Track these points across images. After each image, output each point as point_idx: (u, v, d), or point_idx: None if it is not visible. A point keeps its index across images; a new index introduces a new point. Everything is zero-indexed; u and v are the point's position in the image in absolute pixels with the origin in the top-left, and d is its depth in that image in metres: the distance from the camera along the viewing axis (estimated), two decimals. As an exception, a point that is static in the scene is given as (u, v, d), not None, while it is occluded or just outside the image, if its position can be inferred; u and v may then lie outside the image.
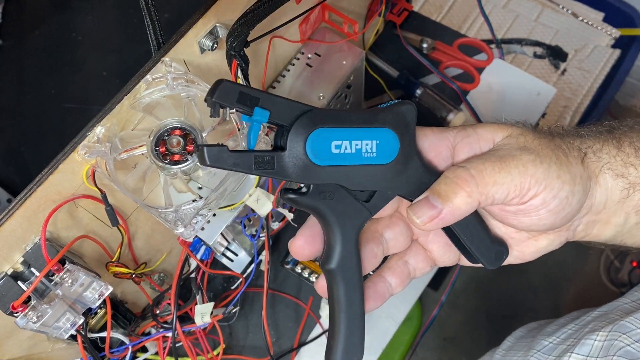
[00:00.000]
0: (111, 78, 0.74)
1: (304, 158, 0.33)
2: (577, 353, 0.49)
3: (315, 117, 0.33)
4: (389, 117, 0.36)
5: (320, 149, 0.33)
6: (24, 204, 0.42)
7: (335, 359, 0.36)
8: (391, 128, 0.35)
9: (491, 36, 0.82)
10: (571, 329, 0.55)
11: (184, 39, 0.47)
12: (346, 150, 0.34)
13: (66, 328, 0.45)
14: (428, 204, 0.35)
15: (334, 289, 0.36)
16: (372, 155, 0.35)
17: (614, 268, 1.34)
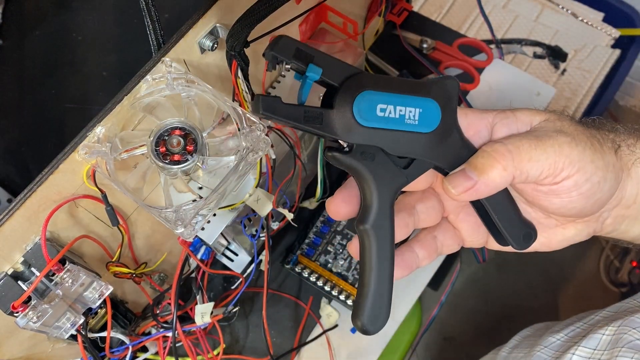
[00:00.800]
0: (111, 78, 0.74)
1: (350, 117, 0.35)
2: (585, 346, 0.49)
3: (364, 80, 0.35)
4: (434, 89, 0.37)
5: (366, 110, 0.35)
6: (25, 204, 0.42)
7: (362, 318, 0.39)
8: (435, 99, 0.36)
9: (491, 36, 0.82)
10: (579, 327, 0.55)
11: (184, 39, 0.47)
12: (390, 114, 0.35)
13: (66, 328, 0.45)
14: (464, 175, 0.36)
15: (366, 250, 0.37)
16: (414, 123, 0.36)
17: (613, 268, 1.34)
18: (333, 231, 0.70)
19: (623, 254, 1.34)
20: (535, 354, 0.55)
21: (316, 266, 0.68)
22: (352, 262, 0.69)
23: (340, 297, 0.67)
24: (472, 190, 0.36)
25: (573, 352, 0.49)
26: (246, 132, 0.45)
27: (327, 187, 0.68)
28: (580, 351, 0.49)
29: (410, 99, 0.36)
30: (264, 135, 0.45)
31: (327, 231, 0.70)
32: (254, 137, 0.45)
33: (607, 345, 0.47)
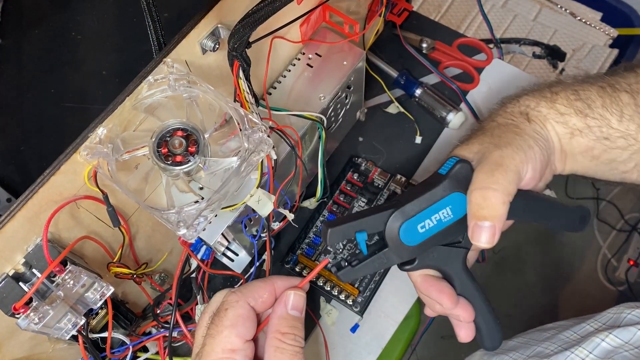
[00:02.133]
0: (111, 77, 0.73)
1: (402, 245, 0.44)
2: (616, 336, 0.50)
3: (397, 216, 0.44)
4: (451, 181, 0.44)
5: (410, 236, 0.44)
6: (26, 205, 0.42)
7: (487, 345, 0.52)
8: (457, 190, 0.44)
9: (490, 36, 0.82)
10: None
11: (186, 40, 0.47)
12: (429, 225, 0.44)
13: (67, 329, 0.45)
14: (480, 228, 0.43)
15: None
16: (450, 217, 0.45)
17: (611, 267, 1.34)
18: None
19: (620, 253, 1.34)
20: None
21: (316, 266, 0.68)
22: (352, 262, 0.69)
23: (340, 296, 0.67)
24: (497, 233, 0.43)
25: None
26: (248, 133, 0.45)
27: (327, 187, 0.68)
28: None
29: (439, 204, 0.44)
30: (265, 136, 0.45)
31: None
32: (256, 138, 0.45)
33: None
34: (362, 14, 0.72)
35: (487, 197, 0.43)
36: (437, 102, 0.76)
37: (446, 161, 0.47)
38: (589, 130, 0.47)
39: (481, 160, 0.45)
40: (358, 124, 0.76)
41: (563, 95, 0.48)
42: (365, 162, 0.74)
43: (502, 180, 0.43)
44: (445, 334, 1.25)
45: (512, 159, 0.44)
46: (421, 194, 0.44)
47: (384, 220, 0.44)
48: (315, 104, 0.60)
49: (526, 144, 0.46)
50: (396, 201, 0.45)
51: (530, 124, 0.48)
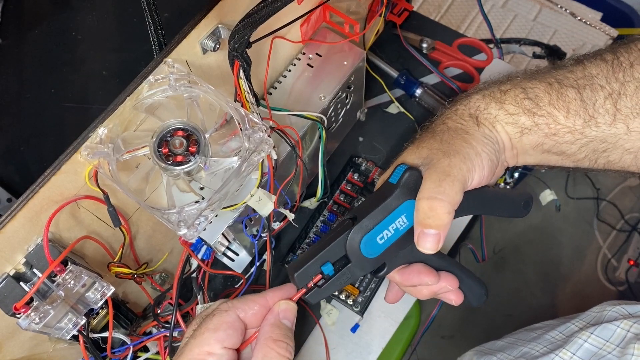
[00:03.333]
0: (111, 77, 0.73)
1: (365, 259, 0.46)
2: (598, 335, 0.51)
3: (356, 231, 0.45)
4: (404, 190, 0.46)
5: (371, 248, 0.46)
6: (27, 205, 0.42)
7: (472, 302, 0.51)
8: (410, 198, 0.46)
9: (490, 35, 0.82)
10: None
11: (186, 40, 0.47)
12: (387, 235, 0.46)
13: (68, 329, 0.45)
14: (426, 235, 0.45)
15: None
16: (406, 224, 0.46)
17: (611, 267, 1.34)
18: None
19: (620, 253, 1.34)
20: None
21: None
22: (352, 262, 0.69)
23: (341, 296, 0.67)
24: (441, 240, 0.45)
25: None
26: (249, 133, 0.45)
27: (327, 187, 0.68)
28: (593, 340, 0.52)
29: (394, 214, 0.46)
30: (266, 136, 0.45)
31: (328, 231, 0.70)
32: (257, 138, 0.45)
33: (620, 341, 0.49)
34: (362, 14, 0.72)
35: (434, 207, 0.45)
36: (437, 102, 0.76)
37: (395, 168, 0.48)
38: (537, 128, 0.48)
39: (430, 167, 0.46)
40: (358, 124, 0.76)
41: (512, 94, 0.49)
42: (365, 162, 0.74)
43: (449, 191, 0.45)
44: (445, 334, 1.25)
45: (459, 169, 0.45)
46: (376, 206, 0.45)
47: (344, 243, 0.45)
48: (316, 104, 0.60)
49: (474, 151, 0.47)
50: (352, 217, 0.46)
51: (480, 127, 0.49)
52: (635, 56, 0.47)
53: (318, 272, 0.45)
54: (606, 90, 0.47)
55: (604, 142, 0.48)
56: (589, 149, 0.49)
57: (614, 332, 0.50)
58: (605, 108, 0.47)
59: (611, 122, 0.47)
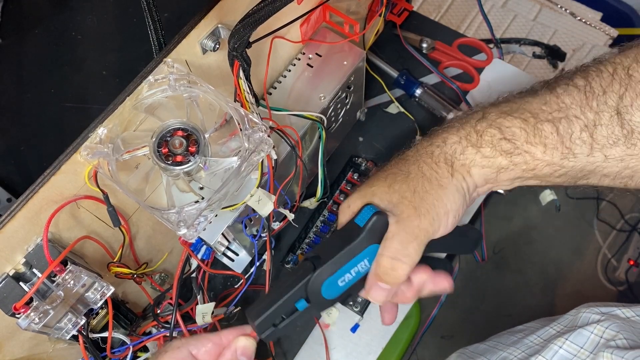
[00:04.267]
0: (111, 77, 0.73)
1: (324, 301, 0.47)
2: (572, 342, 0.51)
3: (319, 274, 0.46)
4: (370, 234, 0.46)
5: (331, 291, 0.47)
6: (26, 205, 0.42)
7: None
8: (375, 242, 0.47)
9: (490, 35, 0.82)
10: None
11: (186, 40, 0.47)
12: (349, 278, 0.47)
13: (68, 329, 0.45)
14: (379, 288, 0.47)
15: None
16: (367, 267, 0.47)
17: (611, 266, 1.34)
18: (333, 231, 0.70)
19: (620, 253, 1.34)
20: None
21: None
22: (352, 262, 0.69)
23: (341, 296, 0.67)
24: (390, 294, 0.48)
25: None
26: (248, 133, 0.45)
27: (327, 187, 0.68)
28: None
29: (357, 258, 0.46)
30: (266, 136, 0.45)
31: (327, 231, 0.70)
32: (256, 138, 0.45)
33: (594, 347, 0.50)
34: (362, 14, 0.72)
35: (395, 268, 0.46)
36: (437, 102, 0.76)
37: (363, 208, 0.48)
38: (514, 166, 0.48)
39: (399, 219, 0.47)
40: (358, 124, 0.76)
41: (488, 135, 0.48)
42: (365, 162, 0.74)
43: (413, 254, 0.46)
44: (445, 334, 1.25)
45: (426, 232, 0.47)
46: (340, 249, 0.46)
47: (305, 288, 0.46)
48: (316, 104, 0.60)
49: (444, 210, 0.48)
50: (315, 256, 0.47)
51: (453, 178, 0.49)
52: (608, 82, 0.46)
53: (279, 320, 0.46)
54: (581, 122, 0.46)
55: (582, 171, 0.48)
56: (568, 177, 0.49)
57: (587, 338, 0.50)
58: (582, 139, 0.46)
59: (588, 152, 0.47)
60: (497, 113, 0.49)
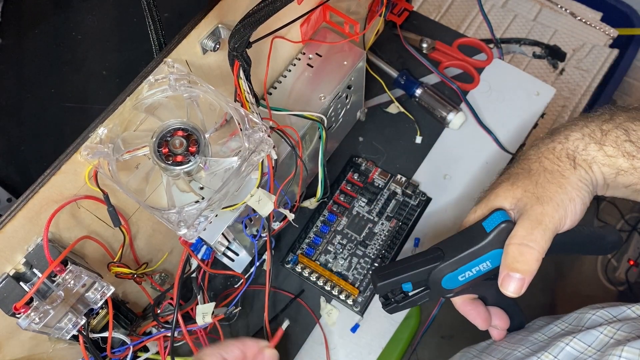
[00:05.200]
0: (111, 77, 0.73)
1: (442, 290, 0.51)
2: (580, 340, 0.51)
3: (441, 268, 0.49)
4: (495, 240, 0.48)
5: (451, 283, 0.50)
6: (27, 205, 0.42)
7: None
8: (499, 247, 0.48)
9: (490, 35, 0.82)
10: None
11: (186, 40, 0.47)
12: (469, 275, 0.49)
13: (68, 329, 0.45)
14: (511, 278, 0.47)
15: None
16: (488, 267, 0.49)
17: (611, 267, 1.34)
18: (333, 231, 0.71)
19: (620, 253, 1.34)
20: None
21: (316, 266, 0.68)
22: (352, 262, 0.69)
23: (341, 296, 0.67)
24: (525, 285, 0.47)
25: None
26: (249, 133, 0.45)
27: (327, 187, 0.68)
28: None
29: (480, 259, 0.48)
30: (266, 136, 0.45)
31: (327, 231, 0.70)
32: (257, 138, 0.45)
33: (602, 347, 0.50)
34: (362, 14, 0.72)
35: (524, 253, 0.46)
36: (437, 102, 0.76)
37: (492, 213, 0.49)
38: (634, 170, 0.49)
39: (522, 212, 0.48)
40: (358, 124, 0.76)
41: (613, 135, 0.49)
42: (365, 162, 0.74)
43: (540, 239, 0.46)
44: (445, 334, 1.25)
45: (551, 217, 0.46)
46: (465, 250, 0.49)
47: (427, 273, 0.50)
48: (316, 104, 0.60)
49: (568, 197, 0.48)
50: (439, 252, 0.50)
51: (576, 170, 0.49)
52: None
53: (398, 286, 0.51)
54: None
55: None
56: None
57: (596, 338, 0.51)
58: None
59: None
60: (625, 117, 0.50)
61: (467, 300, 0.54)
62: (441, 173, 0.74)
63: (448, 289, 0.50)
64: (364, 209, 0.72)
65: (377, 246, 0.70)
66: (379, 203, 0.72)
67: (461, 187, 0.73)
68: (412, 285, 0.51)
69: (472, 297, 0.54)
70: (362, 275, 0.68)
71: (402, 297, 0.52)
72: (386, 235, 0.70)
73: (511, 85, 0.78)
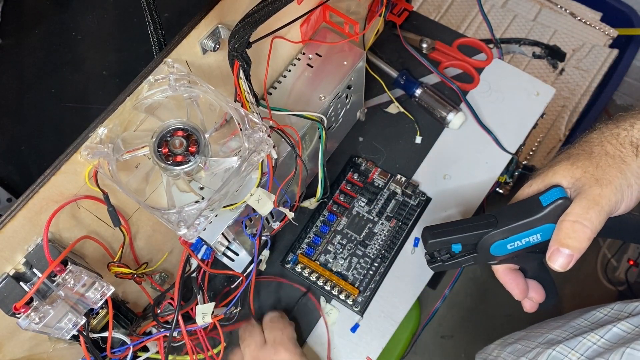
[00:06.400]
0: (111, 77, 0.73)
1: (490, 256, 0.51)
2: (628, 322, 0.52)
3: (493, 234, 0.50)
4: (550, 214, 0.48)
5: (499, 250, 0.50)
6: (27, 205, 0.42)
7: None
8: (552, 222, 0.48)
9: (490, 35, 0.82)
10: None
11: (186, 40, 0.47)
12: (518, 244, 0.50)
13: (68, 329, 0.45)
14: (561, 253, 0.47)
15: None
16: (537, 240, 0.49)
17: (611, 267, 1.34)
18: (333, 231, 0.71)
19: (620, 252, 1.34)
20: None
21: (316, 266, 0.68)
22: (351, 262, 0.69)
23: (340, 296, 0.67)
24: (573, 262, 0.47)
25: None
26: (248, 133, 0.45)
27: (327, 187, 0.68)
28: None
29: (532, 231, 0.49)
30: (266, 136, 0.45)
31: (327, 231, 0.70)
32: (257, 138, 0.45)
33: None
34: (362, 14, 0.72)
35: (577, 230, 0.47)
36: (437, 102, 0.76)
37: (550, 189, 0.49)
38: None
39: (580, 192, 0.48)
40: (358, 124, 0.76)
41: None
42: (365, 162, 0.74)
43: (595, 219, 0.46)
44: (445, 334, 1.25)
45: (608, 200, 0.47)
46: (519, 220, 0.49)
47: (479, 237, 0.51)
48: (316, 104, 0.60)
49: (627, 183, 0.48)
50: (493, 219, 0.50)
51: (638, 158, 0.49)
52: None
53: (447, 246, 0.52)
54: None
55: None
56: None
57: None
58: None
59: None
60: None
61: (508, 270, 0.55)
62: (441, 173, 0.74)
63: (495, 255, 0.51)
64: (363, 209, 0.72)
65: (377, 246, 0.70)
66: (378, 203, 0.72)
67: (461, 187, 0.73)
68: (461, 246, 0.52)
69: (514, 267, 0.55)
70: (362, 275, 0.68)
71: (448, 257, 0.53)
72: (386, 235, 0.70)
73: (511, 86, 0.78)
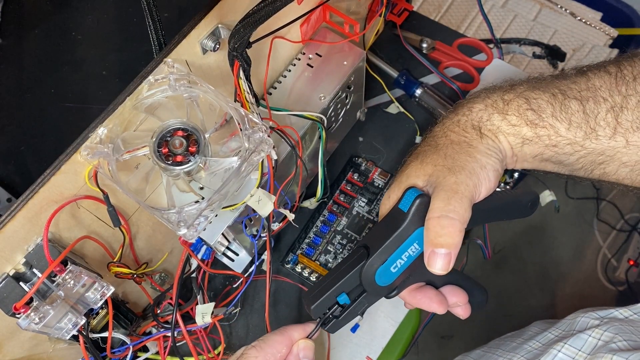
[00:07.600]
0: (111, 77, 0.73)
1: (379, 288, 0.47)
2: (571, 345, 0.51)
3: (370, 264, 0.46)
4: (415, 218, 0.46)
5: (385, 277, 0.47)
6: (26, 205, 0.42)
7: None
8: (421, 225, 0.46)
9: (490, 35, 0.82)
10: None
11: (186, 40, 0.47)
12: (400, 263, 0.47)
13: (68, 329, 0.45)
14: (437, 255, 0.45)
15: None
16: (418, 250, 0.47)
17: (611, 267, 1.34)
18: (333, 231, 0.71)
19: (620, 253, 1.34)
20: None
21: (316, 266, 0.68)
22: (352, 262, 0.69)
23: (341, 296, 0.67)
24: (452, 260, 0.45)
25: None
26: (248, 133, 0.45)
27: (327, 187, 0.68)
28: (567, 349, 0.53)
29: (406, 244, 0.46)
30: (266, 136, 0.45)
31: (327, 231, 0.70)
32: (256, 138, 0.45)
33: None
34: (362, 14, 0.72)
35: (445, 226, 0.44)
36: (437, 102, 0.76)
37: (405, 193, 0.47)
38: (538, 139, 0.49)
39: (436, 185, 0.46)
40: (358, 124, 0.76)
41: (515, 104, 0.49)
42: (365, 162, 0.74)
43: (459, 208, 0.44)
44: (445, 334, 1.25)
45: (466, 185, 0.45)
46: (388, 237, 0.46)
47: (358, 275, 0.47)
48: (316, 104, 0.60)
49: (479, 164, 0.47)
50: (363, 249, 0.47)
51: (483, 139, 0.49)
52: (639, 70, 0.47)
53: (334, 303, 0.47)
54: (608, 103, 0.47)
55: (602, 155, 0.48)
56: (587, 161, 0.49)
57: (585, 341, 0.51)
58: (606, 121, 0.47)
59: (611, 135, 0.47)
60: (525, 86, 0.50)
61: (414, 291, 0.51)
62: (441, 173, 0.74)
63: (385, 285, 0.47)
64: (363, 209, 0.72)
65: (377, 246, 0.70)
66: (379, 203, 0.72)
67: (461, 187, 0.73)
68: (347, 295, 0.48)
69: (418, 285, 0.51)
70: (362, 275, 0.68)
71: (340, 310, 0.48)
72: (386, 235, 0.70)
73: (511, 85, 0.78)
